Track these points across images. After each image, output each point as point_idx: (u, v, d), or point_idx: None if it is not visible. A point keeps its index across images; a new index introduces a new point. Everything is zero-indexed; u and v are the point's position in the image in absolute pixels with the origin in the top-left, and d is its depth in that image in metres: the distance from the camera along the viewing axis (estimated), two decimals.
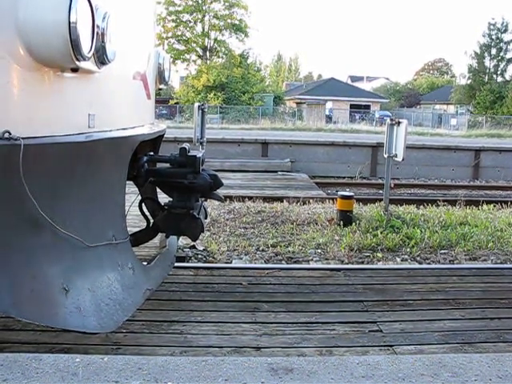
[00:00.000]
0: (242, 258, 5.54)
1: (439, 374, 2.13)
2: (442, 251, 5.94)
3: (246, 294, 4.18)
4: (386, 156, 7.59)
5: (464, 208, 8.51)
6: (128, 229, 3.30)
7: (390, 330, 3.56)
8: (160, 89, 4.35)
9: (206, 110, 6.45)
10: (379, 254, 5.73)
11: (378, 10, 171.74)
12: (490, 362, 2.25)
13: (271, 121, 31.26)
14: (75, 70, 2.39)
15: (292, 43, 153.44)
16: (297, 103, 46.01)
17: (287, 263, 5.43)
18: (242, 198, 8.92)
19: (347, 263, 5.42)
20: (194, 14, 42.73)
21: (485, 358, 2.29)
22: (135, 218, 4.42)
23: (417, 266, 5.39)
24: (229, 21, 42.74)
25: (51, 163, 2.38)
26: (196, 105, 6.29)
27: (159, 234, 4.17)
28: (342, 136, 20.37)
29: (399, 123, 7.30)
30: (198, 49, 44.28)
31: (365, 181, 15.24)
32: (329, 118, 39.43)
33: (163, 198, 3.86)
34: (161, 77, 4.11)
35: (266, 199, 9.24)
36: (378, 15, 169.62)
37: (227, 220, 7.13)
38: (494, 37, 45.55)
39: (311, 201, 9.11)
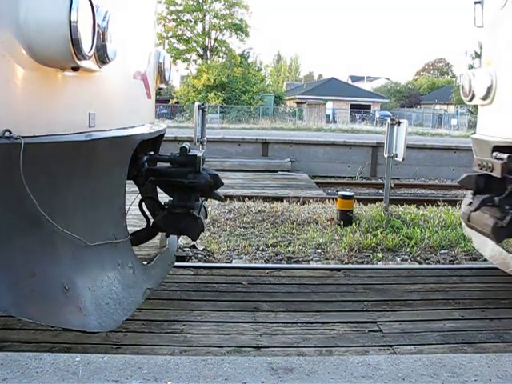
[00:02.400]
0: (242, 258, 5.54)
1: (439, 374, 2.13)
2: (442, 251, 5.93)
3: (246, 294, 4.18)
4: (386, 156, 7.59)
5: None
6: (128, 228, 3.30)
7: (389, 330, 3.56)
8: (160, 88, 4.36)
9: (206, 109, 6.43)
10: (379, 254, 5.73)
11: (378, 10, 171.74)
12: (490, 362, 2.25)
13: (271, 120, 31.26)
14: (76, 69, 2.39)
15: (292, 43, 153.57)
16: (297, 103, 46.00)
17: (287, 263, 5.43)
18: (242, 198, 8.92)
19: (347, 263, 5.42)
20: (195, 14, 42.74)
21: (485, 358, 2.29)
22: (135, 217, 4.43)
23: (417, 266, 5.39)
24: (229, 20, 42.75)
25: (51, 162, 2.38)
26: (196, 104, 6.26)
27: (159, 233, 4.17)
28: (342, 136, 20.37)
29: (399, 123, 7.30)
30: (198, 48, 44.28)
31: (365, 181, 15.24)
32: (330, 118, 39.41)
33: (163, 197, 3.86)
34: (161, 76, 4.12)
35: (266, 199, 9.24)
36: (379, 15, 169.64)
37: (227, 219, 7.13)
38: None
39: (311, 200, 9.11)
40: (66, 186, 2.55)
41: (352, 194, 7.63)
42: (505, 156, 3.76)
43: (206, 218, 3.92)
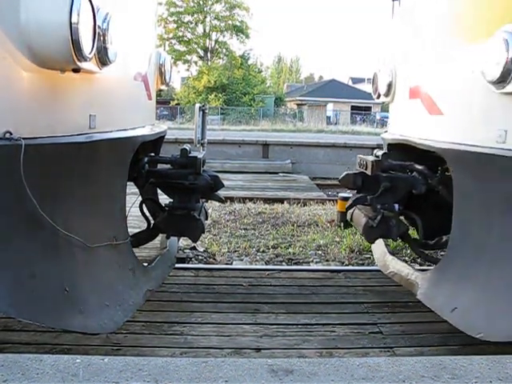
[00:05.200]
0: (242, 260, 5.53)
1: (440, 375, 2.13)
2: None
3: (247, 296, 4.17)
4: None
5: None
6: (129, 230, 3.30)
7: (390, 332, 3.55)
8: (161, 90, 4.36)
9: (206, 111, 6.42)
10: None
11: (378, 12, 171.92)
12: (491, 363, 2.24)
13: (272, 122, 31.30)
14: (76, 70, 2.39)
15: (293, 44, 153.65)
16: (298, 104, 46.04)
17: (288, 265, 5.42)
18: (242, 200, 8.92)
19: (348, 265, 5.41)
20: (196, 15, 42.83)
21: (485, 360, 2.28)
22: (136, 218, 4.43)
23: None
24: (230, 22, 42.83)
25: (52, 164, 2.38)
26: (197, 106, 6.25)
27: (160, 235, 4.18)
28: (342, 137, 20.37)
29: None
30: (199, 50, 44.36)
31: None
32: (330, 120, 39.44)
33: (164, 198, 3.86)
34: (162, 78, 4.13)
35: (266, 200, 9.24)
36: (379, 16, 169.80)
37: (228, 221, 7.13)
38: None
39: (312, 202, 9.11)
40: (67, 187, 2.55)
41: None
42: (380, 153, 3.71)
43: (206, 219, 3.92)
